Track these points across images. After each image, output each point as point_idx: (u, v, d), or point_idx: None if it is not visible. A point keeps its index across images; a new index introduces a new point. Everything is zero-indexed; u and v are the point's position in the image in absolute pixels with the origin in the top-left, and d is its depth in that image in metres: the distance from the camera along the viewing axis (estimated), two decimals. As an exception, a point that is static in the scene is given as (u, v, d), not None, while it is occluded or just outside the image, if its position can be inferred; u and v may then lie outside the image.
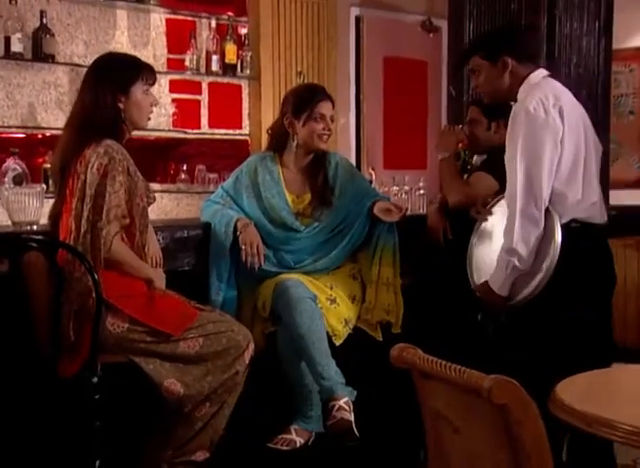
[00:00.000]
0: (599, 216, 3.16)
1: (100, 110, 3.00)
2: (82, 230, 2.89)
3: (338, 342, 3.48)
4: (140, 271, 3.02)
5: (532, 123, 2.99)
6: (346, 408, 3.26)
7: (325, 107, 3.64)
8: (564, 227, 3.01)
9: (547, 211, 3.01)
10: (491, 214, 3.37)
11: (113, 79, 3.04)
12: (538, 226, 2.98)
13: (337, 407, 3.25)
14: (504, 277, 3.03)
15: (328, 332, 3.43)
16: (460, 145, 4.11)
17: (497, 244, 3.16)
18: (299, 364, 3.42)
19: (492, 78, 3.22)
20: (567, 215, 3.04)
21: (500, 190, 3.58)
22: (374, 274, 3.64)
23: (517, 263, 2.98)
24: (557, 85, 3.20)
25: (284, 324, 3.42)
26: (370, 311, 3.61)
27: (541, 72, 3.22)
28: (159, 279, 3.09)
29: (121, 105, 3.03)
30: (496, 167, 3.64)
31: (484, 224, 3.39)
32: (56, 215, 3.08)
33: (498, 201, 3.34)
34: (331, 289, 3.57)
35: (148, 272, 3.05)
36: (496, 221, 3.30)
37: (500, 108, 3.70)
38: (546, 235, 3.00)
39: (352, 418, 3.27)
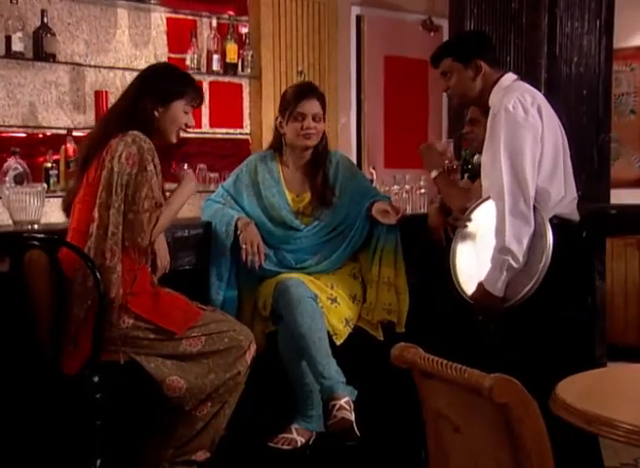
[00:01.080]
0: (576, 214, 3.19)
1: (135, 112, 3.02)
2: (113, 220, 2.87)
3: (338, 342, 3.48)
4: (179, 209, 3.15)
5: (512, 122, 3.01)
6: (347, 407, 3.26)
7: (307, 106, 3.59)
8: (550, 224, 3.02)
9: (534, 208, 3.02)
10: (470, 220, 3.35)
11: (158, 89, 3.07)
12: (528, 223, 2.98)
13: (337, 406, 3.25)
14: (501, 277, 3.03)
15: (329, 332, 3.43)
16: (447, 161, 4.11)
17: (481, 249, 3.16)
18: (299, 363, 3.42)
19: (464, 81, 3.27)
20: (550, 213, 3.05)
21: None
22: (374, 274, 3.64)
23: (512, 262, 2.98)
24: (529, 86, 3.24)
25: (285, 323, 3.42)
26: (371, 311, 3.60)
27: (511, 76, 3.27)
28: (190, 185, 3.21)
29: (156, 114, 3.05)
30: None
31: (464, 231, 3.37)
32: (69, 203, 3.09)
33: (476, 207, 3.33)
34: (331, 288, 3.56)
35: (181, 200, 3.15)
36: (476, 227, 3.29)
37: None
38: (536, 233, 3.00)
39: (353, 418, 3.27)
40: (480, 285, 3.11)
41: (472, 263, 3.22)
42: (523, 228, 2.97)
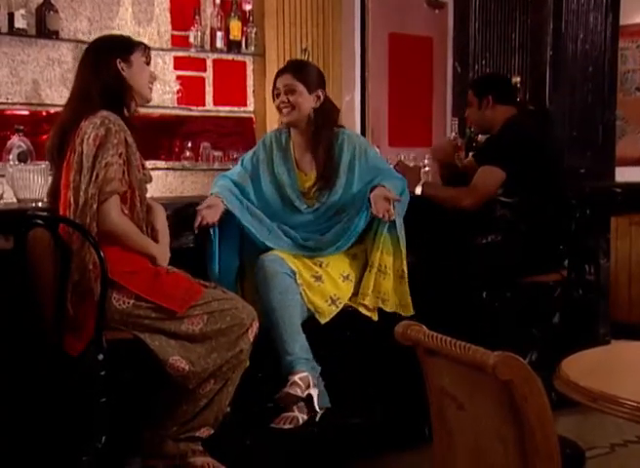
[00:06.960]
0: None
1: (101, 78, 3.00)
2: (80, 202, 2.88)
3: (323, 320, 3.38)
4: (142, 247, 3.01)
5: None
6: (299, 383, 3.22)
7: (280, 81, 3.66)
8: None
9: None
10: None
11: (114, 46, 3.07)
12: None
13: (290, 382, 3.22)
14: None
15: (310, 310, 3.39)
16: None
17: None
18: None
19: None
20: None
21: (509, 178, 3.64)
22: (374, 259, 3.57)
23: None
24: None
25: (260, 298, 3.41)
26: (366, 297, 3.53)
27: None
28: (162, 256, 3.08)
29: (124, 74, 3.03)
30: (497, 156, 3.71)
31: None
32: (54, 191, 3.07)
33: None
34: (319, 266, 3.48)
35: (152, 250, 3.04)
36: None
37: (486, 84, 4.04)
38: None
39: (305, 394, 3.23)
40: None
41: None
42: None
